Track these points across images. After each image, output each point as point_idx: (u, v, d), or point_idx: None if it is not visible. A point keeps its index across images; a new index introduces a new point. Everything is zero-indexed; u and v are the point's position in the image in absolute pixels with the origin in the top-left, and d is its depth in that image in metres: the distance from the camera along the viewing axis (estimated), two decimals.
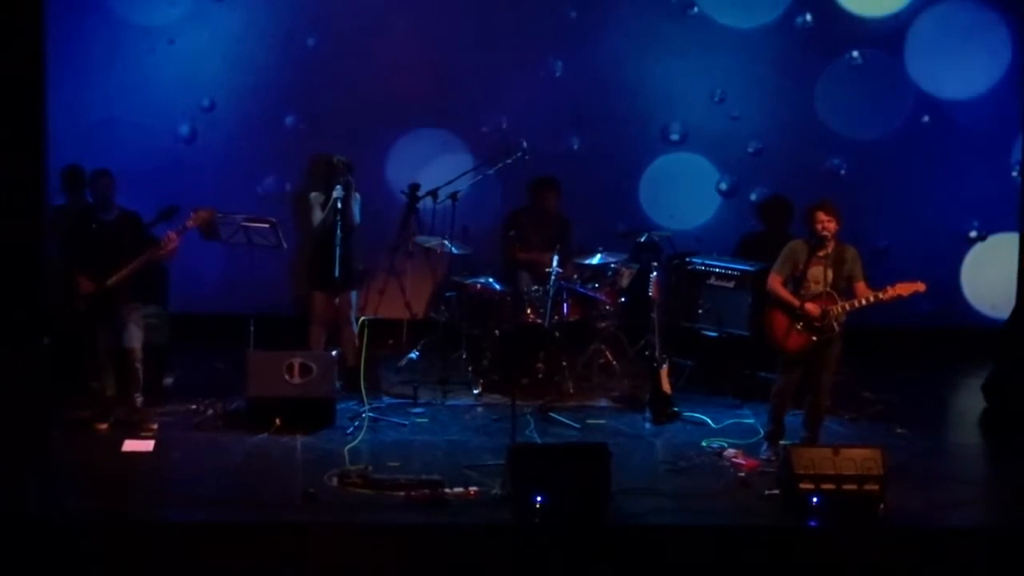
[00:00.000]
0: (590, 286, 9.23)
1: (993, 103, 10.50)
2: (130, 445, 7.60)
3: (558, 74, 10.35)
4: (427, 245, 9.35)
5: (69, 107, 9.73)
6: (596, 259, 9.30)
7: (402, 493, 6.78)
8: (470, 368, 9.02)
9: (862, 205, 10.01)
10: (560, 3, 10.28)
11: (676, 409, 8.45)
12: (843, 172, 10.51)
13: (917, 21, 10.38)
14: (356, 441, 7.72)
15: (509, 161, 9.44)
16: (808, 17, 10.36)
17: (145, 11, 10.01)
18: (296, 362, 8.02)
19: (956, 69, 10.47)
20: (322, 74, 10.18)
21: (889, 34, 10.40)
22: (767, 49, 10.38)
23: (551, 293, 8.92)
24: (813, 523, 6.61)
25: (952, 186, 10.55)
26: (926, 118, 10.49)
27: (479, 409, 8.59)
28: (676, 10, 10.32)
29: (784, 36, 10.40)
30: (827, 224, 7.42)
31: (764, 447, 7.73)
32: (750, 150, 10.48)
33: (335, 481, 6.98)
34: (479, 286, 9.15)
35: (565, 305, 9.10)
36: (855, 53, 10.40)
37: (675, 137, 10.46)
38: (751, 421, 8.31)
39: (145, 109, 10.01)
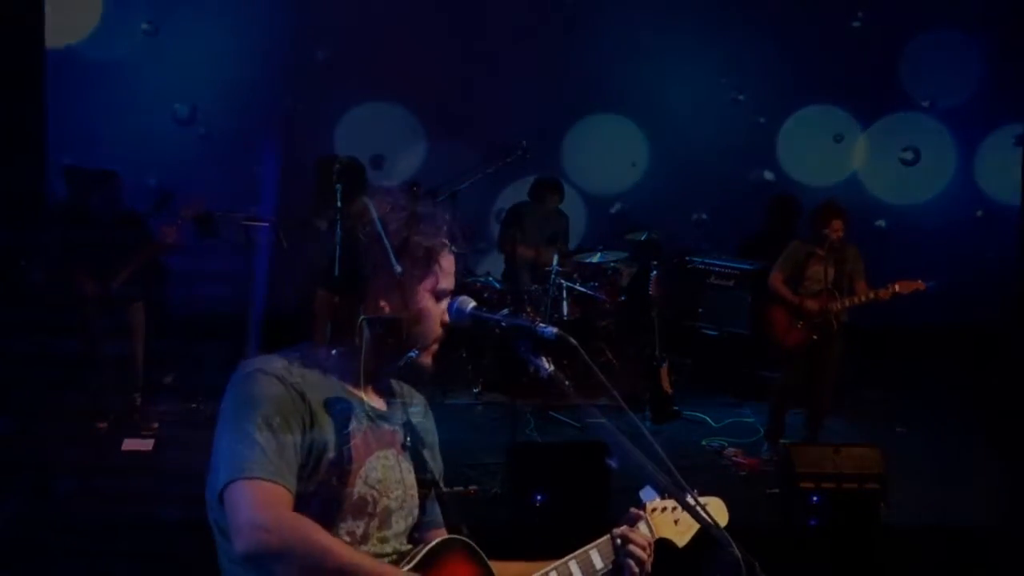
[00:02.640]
0: (590, 284, 9.22)
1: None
2: (130, 444, 7.60)
3: (561, 77, 10.38)
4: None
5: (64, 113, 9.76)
6: (596, 257, 9.29)
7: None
8: (470, 366, 9.01)
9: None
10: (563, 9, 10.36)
11: (676, 408, 8.46)
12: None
13: None
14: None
15: (509, 160, 9.44)
16: None
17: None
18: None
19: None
20: (328, 83, 10.23)
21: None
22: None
23: (551, 291, 8.92)
24: (813, 522, 6.60)
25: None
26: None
27: (479, 408, 8.59)
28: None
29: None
30: (842, 232, 7.44)
31: (764, 446, 7.74)
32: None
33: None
34: (479, 284, 9.15)
35: (565, 303, 9.09)
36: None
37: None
38: (751, 420, 8.32)
39: (141, 121, 10.05)
